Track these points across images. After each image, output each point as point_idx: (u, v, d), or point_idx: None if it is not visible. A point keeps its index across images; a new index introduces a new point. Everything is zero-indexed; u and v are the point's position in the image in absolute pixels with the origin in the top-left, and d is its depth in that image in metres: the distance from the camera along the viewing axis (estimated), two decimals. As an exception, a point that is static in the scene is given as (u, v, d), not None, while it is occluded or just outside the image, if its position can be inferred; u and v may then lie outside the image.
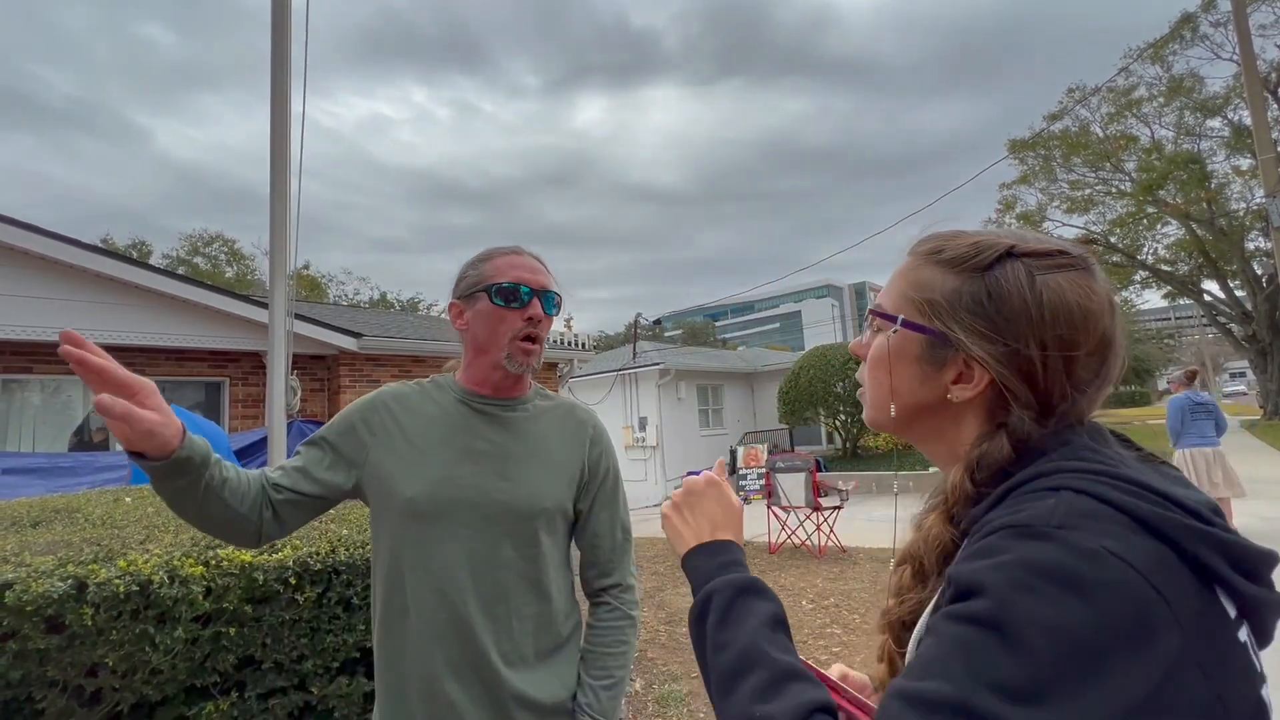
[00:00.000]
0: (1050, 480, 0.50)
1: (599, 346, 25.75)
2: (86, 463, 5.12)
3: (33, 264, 5.82)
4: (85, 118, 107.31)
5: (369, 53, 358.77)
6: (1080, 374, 0.55)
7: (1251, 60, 8.35)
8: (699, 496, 0.74)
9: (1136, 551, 0.43)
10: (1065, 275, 0.55)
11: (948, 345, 0.57)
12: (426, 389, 1.20)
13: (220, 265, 31.90)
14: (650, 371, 15.19)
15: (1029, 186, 22.88)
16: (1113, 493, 0.47)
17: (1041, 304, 0.54)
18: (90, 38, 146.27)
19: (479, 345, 1.17)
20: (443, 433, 1.14)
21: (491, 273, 1.16)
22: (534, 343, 1.16)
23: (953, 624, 0.45)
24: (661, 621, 4.73)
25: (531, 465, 1.16)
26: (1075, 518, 0.45)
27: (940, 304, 0.58)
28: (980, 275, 0.57)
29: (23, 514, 2.11)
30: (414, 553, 1.08)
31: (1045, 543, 0.44)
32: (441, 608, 1.06)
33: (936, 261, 0.60)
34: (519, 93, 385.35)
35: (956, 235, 0.61)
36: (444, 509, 1.08)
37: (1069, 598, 0.41)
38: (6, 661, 1.45)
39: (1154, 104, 20.57)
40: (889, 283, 0.65)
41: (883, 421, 0.64)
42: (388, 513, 1.10)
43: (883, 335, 0.63)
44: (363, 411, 1.16)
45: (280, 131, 3.68)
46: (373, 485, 1.12)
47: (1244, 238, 20.46)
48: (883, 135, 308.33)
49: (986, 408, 0.57)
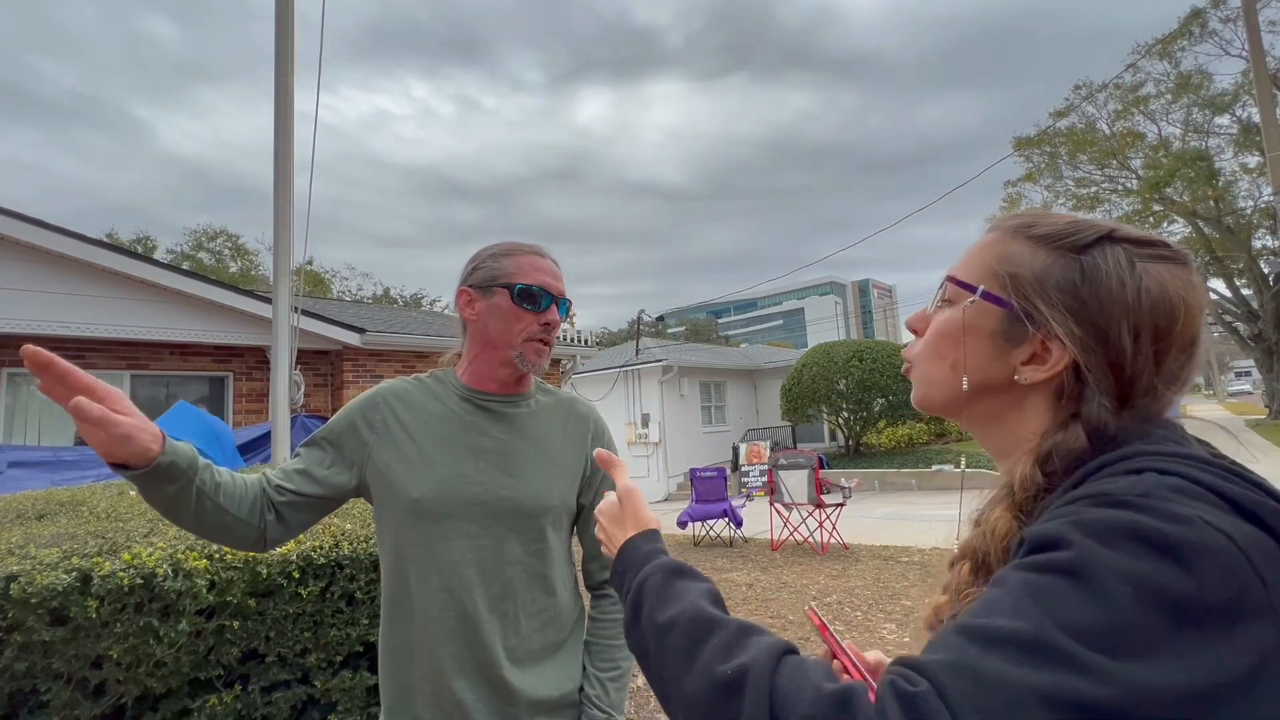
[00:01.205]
0: (1133, 463, 0.47)
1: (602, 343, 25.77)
2: (92, 457, 5.14)
3: (38, 258, 5.84)
4: (88, 112, 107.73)
5: (370, 47, 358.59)
6: (1168, 367, 0.52)
7: (1261, 56, 8.28)
8: (603, 511, 0.74)
9: (1234, 528, 0.40)
10: (1167, 266, 0.53)
11: (1027, 322, 0.54)
12: (427, 384, 1.18)
13: (224, 260, 31.96)
14: (653, 368, 15.18)
15: (1034, 184, 22.76)
16: (1203, 474, 0.44)
17: (1140, 290, 0.51)
18: (92, 32, 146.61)
19: (489, 339, 1.15)
20: (447, 430, 1.12)
21: (515, 270, 1.14)
22: (546, 345, 1.16)
23: (1024, 571, 0.42)
24: (663, 617, 4.74)
25: (536, 462, 1.15)
26: (1163, 490, 0.42)
27: (1027, 279, 0.55)
28: (1076, 254, 0.54)
29: (28, 507, 2.12)
30: (420, 552, 1.06)
31: (1130, 510, 0.41)
32: (449, 607, 1.05)
33: (1028, 236, 0.57)
34: (522, 88, 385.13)
35: (1050, 214, 0.59)
36: (451, 508, 1.07)
37: (1160, 559, 0.38)
38: (12, 654, 1.46)
39: (1161, 101, 20.41)
40: (967, 254, 0.61)
41: (936, 398, 0.61)
42: (392, 512, 1.09)
43: (955, 307, 0.59)
44: (364, 409, 1.13)
45: (284, 127, 3.68)
46: (377, 484, 1.10)
47: (1251, 236, 20.33)
48: (887, 131, 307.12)
49: (1054, 393, 0.54)
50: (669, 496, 14.63)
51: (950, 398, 0.60)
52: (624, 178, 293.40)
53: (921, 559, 6.10)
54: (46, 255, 5.85)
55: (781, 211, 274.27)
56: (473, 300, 1.16)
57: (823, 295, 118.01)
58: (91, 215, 79.64)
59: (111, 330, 6.22)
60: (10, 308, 5.70)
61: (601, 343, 24.53)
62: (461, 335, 1.21)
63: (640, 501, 0.72)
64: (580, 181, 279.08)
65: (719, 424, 16.96)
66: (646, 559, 0.64)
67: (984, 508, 0.58)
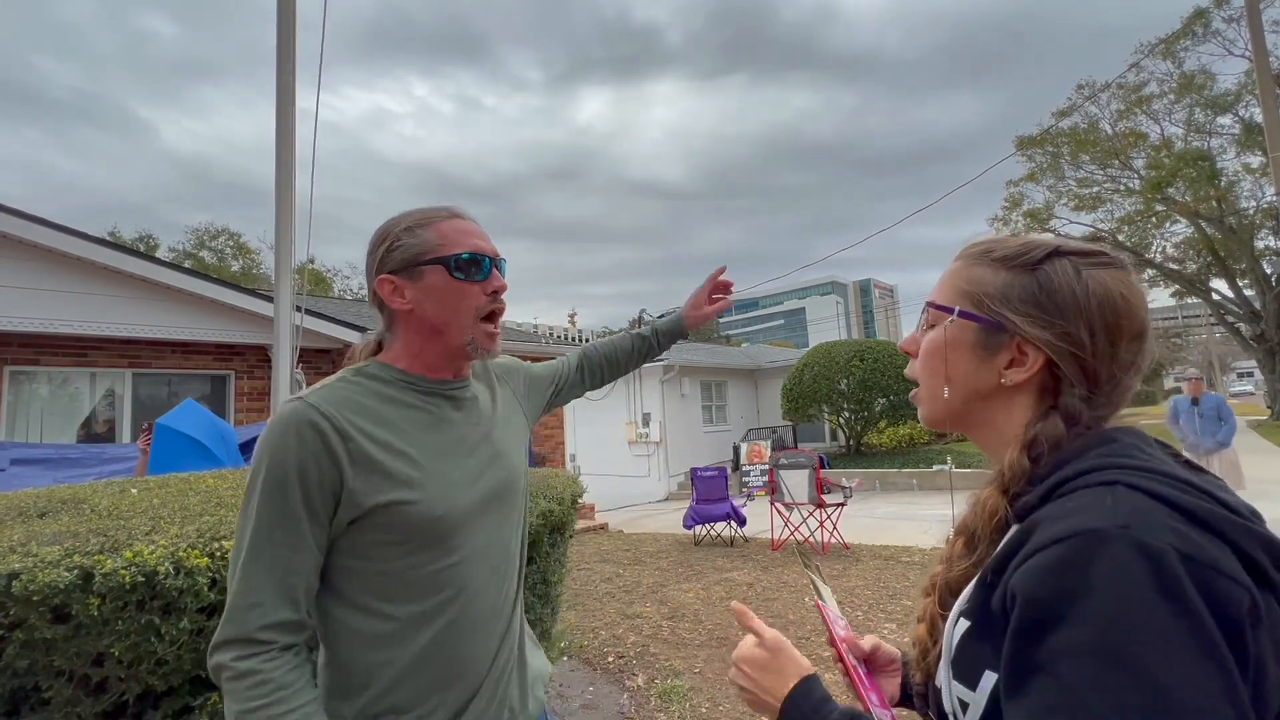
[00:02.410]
0: (1103, 475, 0.52)
1: (603, 342, 25.76)
2: (94, 454, 5.15)
3: (40, 256, 5.84)
4: (88, 109, 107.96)
5: (369, 45, 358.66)
6: (1123, 356, 0.60)
7: (1264, 56, 8.26)
8: (750, 660, 0.74)
9: (1207, 550, 0.46)
10: (1107, 271, 0.61)
11: (1002, 332, 0.63)
12: (368, 387, 0.97)
13: (226, 259, 31.99)
14: (654, 368, 15.18)
15: (1036, 184, 22.71)
16: (1168, 489, 0.49)
17: (1089, 294, 0.60)
18: (92, 29, 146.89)
19: (434, 327, 1.00)
20: (430, 436, 0.99)
21: (440, 240, 0.99)
22: (496, 323, 1.04)
23: (1059, 661, 0.45)
24: (664, 617, 4.74)
25: (506, 436, 1.11)
26: (1137, 514, 0.48)
27: (994, 295, 0.64)
28: (1030, 270, 0.63)
29: (30, 504, 2.13)
30: (434, 569, 0.95)
31: (1116, 547, 0.46)
32: (473, 606, 0.98)
33: (988, 260, 0.66)
34: (521, 87, 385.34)
35: (1003, 238, 0.68)
36: (466, 515, 0.98)
37: (1166, 605, 0.43)
38: (14, 651, 1.46)
39: (1164, 101, 20.38)
40: (940, 283, 0.70)
41: (939, 411, 0.69)
42: (397, 543, 0.93)
43: (938, 328, 0.68)
44: (307, 441, 0.88)
45: (286, 125, 3.68)
46: (367, 522, 0.91)
47: (1253, 236, 20.29)
48: (888, 131, 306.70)
49: (1037, 391, 0.63)
50: (670, 496, 14.62)
51: (951, 409, 0.68)
52: (624, 176, 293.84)
53: (922, 559, 6.10)
54: (49, 253, 5.86)
55: (782, 211, 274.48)
56: (400, 287, 0.99)
57: (824, 295, 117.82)
58: (92, 213, 79.93)
59: (113, 329, 6.22)
60: (12, 305, 5.71)
61: (602, 342, 24.48)
62: (386, 328, 1.04)
63: (791, 648, 0.75)
64: (580, 180, 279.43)
65: (720, 423, 16.95)
66: (820, 709, 0.66)
67: (977, 491, 0.65)
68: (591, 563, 6.81)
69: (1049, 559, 0.48)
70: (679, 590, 5.47)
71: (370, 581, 0.93)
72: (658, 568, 6.42)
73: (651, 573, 6.19)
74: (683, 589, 5.50)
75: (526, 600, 2.32)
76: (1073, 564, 0.47)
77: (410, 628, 0.94)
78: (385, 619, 0.93)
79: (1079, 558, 0.47)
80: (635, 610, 4.93)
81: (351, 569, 0.93)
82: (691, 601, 5.11)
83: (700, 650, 4.00)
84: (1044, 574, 0.48)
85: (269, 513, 0.87)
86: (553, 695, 3.36)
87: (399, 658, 0.93)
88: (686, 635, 4.30)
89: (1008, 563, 0.53)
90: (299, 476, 0.87)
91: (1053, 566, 0.48)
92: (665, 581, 5.82)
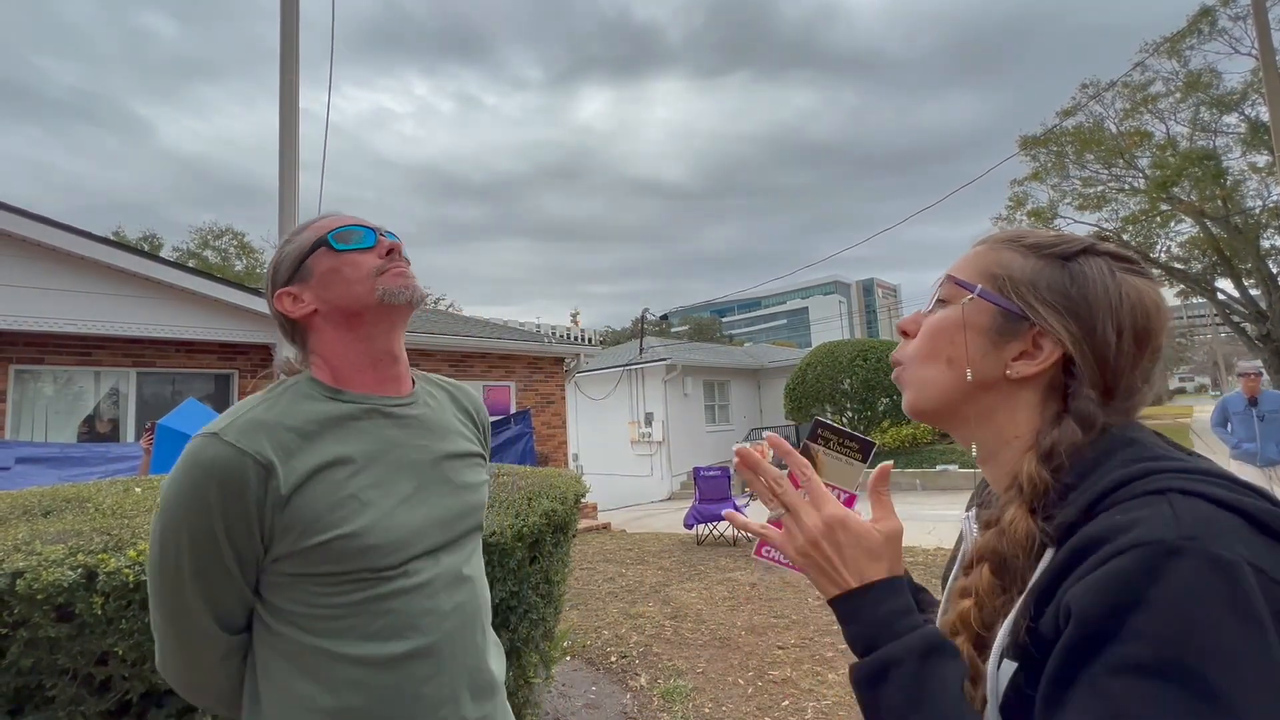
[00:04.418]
0: (1149, 482, 0.48)
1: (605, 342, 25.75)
2: (98, 453, 5.17)
3: (44, 256, 5.87)
4: (89, 108, 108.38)
5: (369, 43, 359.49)
6: (1144, 366, 0.58)
7: (1270, 55, 8.21)
8: (857, 530, 0.59)
9: (1273, 558, 0.43)
10: (1141, 280, 0.59)
11: (1021, 320, 0.58)
12: (289, 409, 0.88)
13: (230, 258, 32.08)
14: (656, 367, 15.18)
15: (1040, 183, 22.64)
16: (1224, 492, 0.46)
17: (1122, 295, 0.57)
18: (91, 28, 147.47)
19: (341, 309, 0.92)
20: (366, 459, 0.89)
21: (318, 232, 0.95)
22: (400, 267, 0.95)
23: (1110, 679, 0.41)
24: (666, 617, 4.74)
25: (460, 465, 1.01)
26: (1203, 523, 0.44)
27: (1021, 281, 0.59)
28: (1063, 262, 0.59)
29: (34, 503, 2.13)
30: (375, 603, 0.86)
31: (1186, 560, 0.42)
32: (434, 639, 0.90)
33: (1019, 247, 0.62)
34: (522, 86, 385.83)
35: (1034, 230, 0.64)
36: (404, 543, 0.89)
37: (1237, 624, 0.40)
38: (18, 649, 1.46)
39: (1170, 99, 20.28)
40: (962, 260, 0.65)
41: (931, 399, 0.62)
42: (332, 576, 0.85)
43: (953, 305, 0.62)
44: (220, 500, 0.79)
45: (289, 125, 3.69)
46: (302, 555, 0.83)
47: (1259, 236, 20.19)
48: (891, 130, 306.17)
49: (1043, 389, 0.59)
50: (672, 495, 14.62)
51: (945, 396, 0.61)
52: (625, 175, 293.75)
53: (925, 559, 6.08)
54: (53, 252, 5.88)
55: (785, 210, 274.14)
56: (296, 294, 0.93)
57: (827, 295, 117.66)
58: (95, 212, 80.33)
59: (117, 328, 6.25)
60: (17, 304, 5.73)
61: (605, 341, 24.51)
62: (301, 347, 0.97)
63: (899, 545, 0.61)
64: (582, 179, 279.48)
65: (722, 423, 16.94)
66: (895, 622, 0.54)
67: (991, 512, 0.59)
68: (594, 562, 6.81)
69: (1109, 572, 0.44)
70: (681, 590, 5.47)
71: (305, 620, 0.84)
72: (660, 567, 6.41)
73: (654, 572, 6.19)
74: (685, 589, 5.50)
75: (529, 601, 2.32)
76: (1136, 577, 0.42)
77: (355, 667, 0.85)
78: (327, 657, 0.84)
79: (1144, 571, 0.42)
80: (638, 610, 4.93)
81: (280, 608, 0.85)
82: (694, 601, 5.10)
83: (703, 650, 3.99)
84: (1103, 588, 0.44)
85: (162, 589, 0.83)
86: (555, 695, 3.35)
87: (337, 702, 0.84)
88: (689, 635, 4.29)
89: (1055, 586, 0.48)
90: (203, 538, 0.79)
91: (1113, 580, 0.43)
92: (668, 581, 5.81)
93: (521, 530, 2.23)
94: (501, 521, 2.19)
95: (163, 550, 0.82)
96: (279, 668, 0.85)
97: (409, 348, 1.05)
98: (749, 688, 3.41)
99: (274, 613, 0.86)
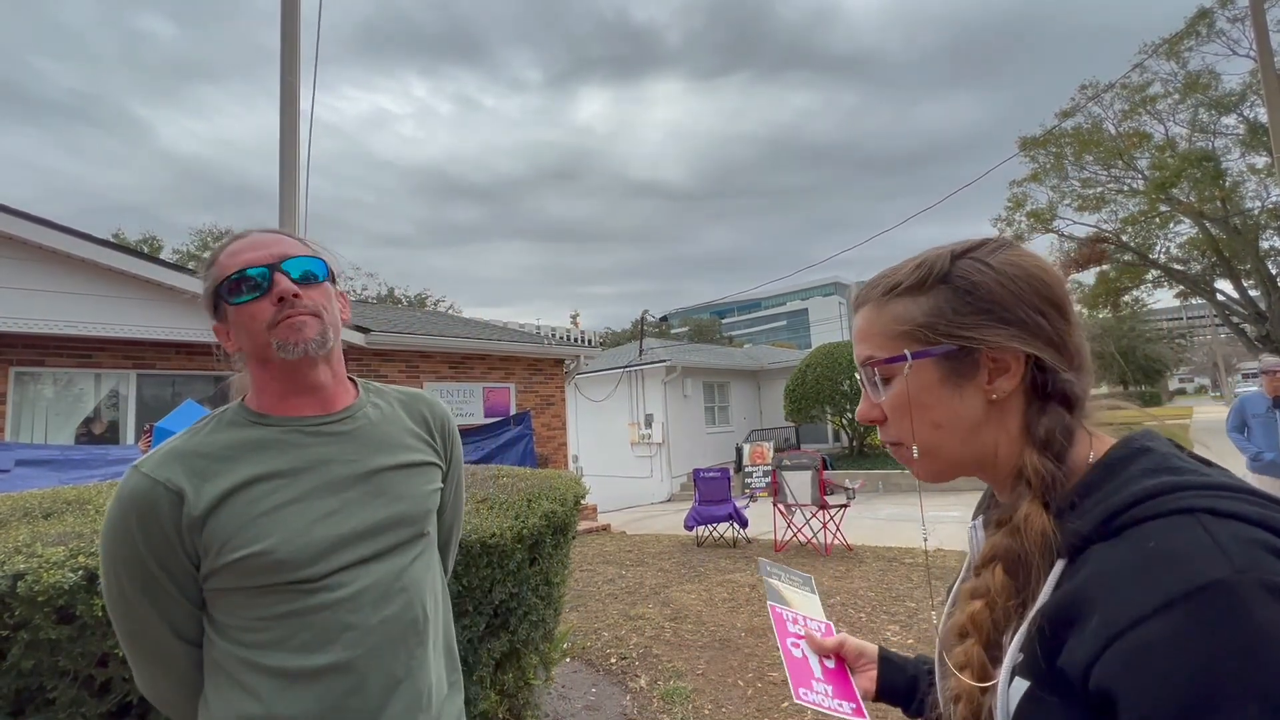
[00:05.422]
0: (1172, 501, 0.46)
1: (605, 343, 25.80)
2: (99, 455, 5.18)
3: (44, 258, 5.87)
4: (88, 111, 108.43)
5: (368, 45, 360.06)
6: (1074, 320, 0.58)
7: (1269, 56, 8.22)
8: None
9: None
10: (1005, 253, 0.59)
11: (964, 352, 0.58)
12: (208, 438, 0.92)
13: (230, 260, 31.98)
14: (656, 369, 15.18)
15: (1039, 184, 22.66)
16: (1257, 510, 0.44)
17: (1010, 278, 0.57)
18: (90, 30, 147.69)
19: (252, 354, 0.95)
20: (284, 477, 0.91)
21: (218, 272, 0.94)
22: (291, 318, 0.92)
23: None
24: (667, 619, 4.74)
25: (401, 475, 1.00)
26: (1249, 551, 0.41)
27: (932, 322, 0.59)
28: (943, 284, 0.59)
29: (35, 505, 2.13)
30: (297, 615, 0.88)
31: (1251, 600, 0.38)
32: (357, 654, 0.90)
33: (897, 295, 0.61)
34: (521, 87, 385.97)
35: (890, 271, 0.63)
36: (327, 553, 0.90)
37: None
38: (19, 651, 1.46)
39: (1168, 101, 20.31)
40: (864, 338, 0.64)
41: (941, 461, 0.61)
42: (255, 590, 0.87)
43: (897, 380, 0.61)
44: (146, 528, 0.85)
45: (290, 128, 3.70)
46: (227, 572, 0.86)
47: (1258, 236, 20.20)
48: (890, 131, 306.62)
49: (1024, 394, 0.58)
50: (672, 497, 14.61)
51: (953, 454, 0.61)
52: (625, 176, 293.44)
53: (925, 560, 6.08)
54: (53, 254, 5.89)
55: (784, 211, 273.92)
56: (224, 330, 0.97)
57: (826, 296, 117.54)
58: (94, 215, 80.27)
59: (118, 330, 6.25)
60: (17, 307, 5.73)
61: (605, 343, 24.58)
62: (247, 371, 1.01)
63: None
64: (581, 180, 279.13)
65: (722, 424, 16.94)
66: None
67: (999, 512, 0.58)
68: (594, 564, 6.81)
69: (1166, 636, 0.40)
70: (681, 591, 5.47)
71: (236, 632, 0.88)
72: (660, 569, 6.41)
73: (654, 574, 6.19)
74: (685, 590, 5.49)
75: (529, 602, 2.32)
76: (1207, 641, 0.38)
77: (278, 679, 0.87)
78: (254, 669, 0.87)
79: (1212, 628, 0.39)
80: (638, 611, 4.93)
81: (217, 620, 0.90)
82: (694, 603, 5.10)
83: (703, 652, 3.99)
84: (1170, 665, 0.39)
85: (115, 611, 0.89)
86: (555, 696, 3.35)
87: (265, 711, 0.85)
88: (689, 637, 4.29)
89: (1070, 618, 0.45)
90: (135, 562, 0.86)
91: (1177, 649, 0.39)
92: (668, 583, 5.81)
93: (521, 532, 2.23)
94: (501, 523, 2.19)
95: (106, 577, 0.89)
96: (219, 677, 0.89)
97: (410, 349, 1.04)
98: (749, 689, 3.41)
99: (213, 624, 0.90)
